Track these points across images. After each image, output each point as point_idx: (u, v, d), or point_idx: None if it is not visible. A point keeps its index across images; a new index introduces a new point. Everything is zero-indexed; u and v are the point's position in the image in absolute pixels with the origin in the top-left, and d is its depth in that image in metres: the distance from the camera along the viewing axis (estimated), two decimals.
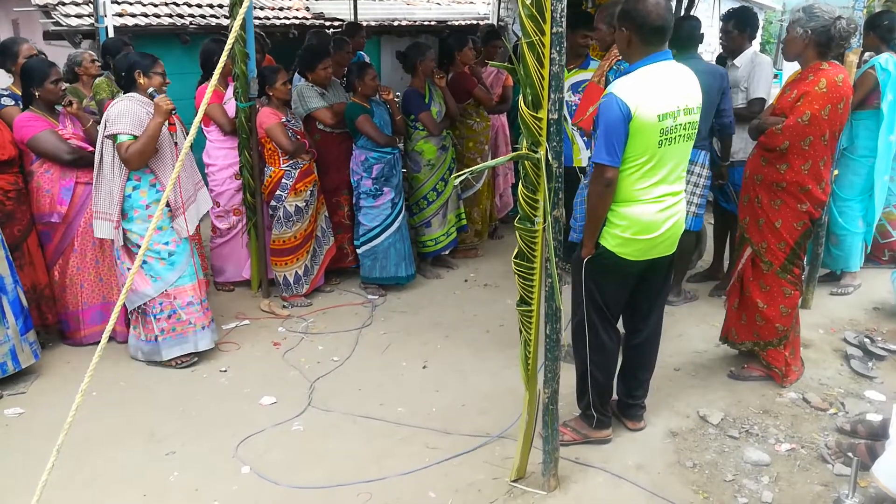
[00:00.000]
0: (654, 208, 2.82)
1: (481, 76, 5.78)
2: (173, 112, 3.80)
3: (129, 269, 3.97)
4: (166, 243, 3.91)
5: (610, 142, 2.68)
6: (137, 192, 3.84)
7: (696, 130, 2.90)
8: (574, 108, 4.34)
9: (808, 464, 3.07)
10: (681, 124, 2.77)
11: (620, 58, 3.69)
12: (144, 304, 3.91)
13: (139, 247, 3.86)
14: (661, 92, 2.70)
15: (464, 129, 5.65)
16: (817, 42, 3.33)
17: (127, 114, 3.72)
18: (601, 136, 2.70)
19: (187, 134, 4.15)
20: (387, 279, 5.06)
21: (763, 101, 4.62)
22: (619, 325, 3.15)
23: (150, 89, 3.80)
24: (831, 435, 3.26)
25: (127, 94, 3.85)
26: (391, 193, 4.90)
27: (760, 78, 4.61)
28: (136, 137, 3.70)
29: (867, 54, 4.83)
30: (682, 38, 4.40)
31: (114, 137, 3.72)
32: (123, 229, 3.85)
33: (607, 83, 3.75)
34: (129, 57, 4.00)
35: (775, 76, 6.65)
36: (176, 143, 3.97)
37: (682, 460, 3.10)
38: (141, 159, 3.73)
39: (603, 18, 3.98)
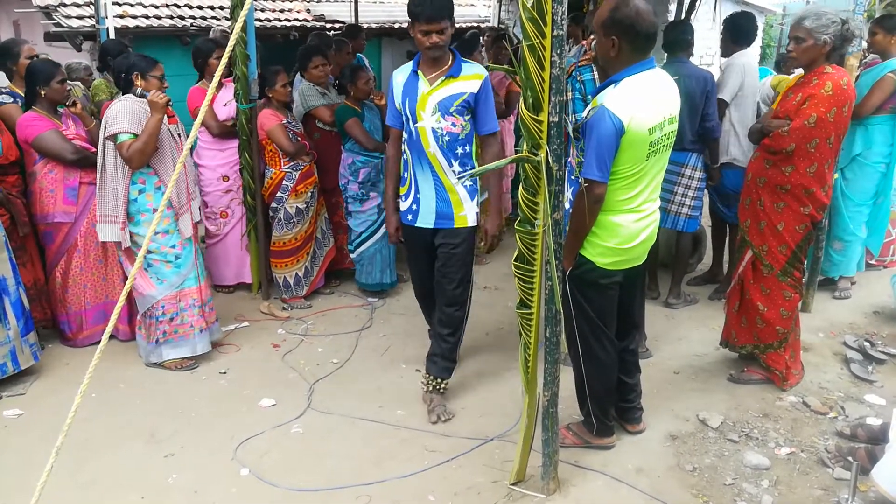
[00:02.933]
0: (634, 217, 2.81)
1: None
2: (169, 104, 3.78)
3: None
4: (173, 246, 3.91)
5: (602, 157, 2.61)
6: (143, 196, 3.84)
7: (675, 138, 2.88)
8: (447, 136, 3.27)
9: (808, 468, 3.07)
10: (665, 134, 2.76)
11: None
12: (150, 306, 3.92)
13: (147, 250, 3.86)
14: (650, 104, 2.66)
15: None
16: (833, 47, 3.34)
17: (125, 113, 3.72)
18: (592, 150, 2.62)
19: (185, 133, 4.17)
20: (373, 286, 5.03)
21: (723, 103, 4.54)
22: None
23: (139, 90, 3.80)
24: (831, 439, 3.26)
25: (124, 95, 3.85)
26: (378, 199, 4.84)
27: (727, 80, 4.56)
28: (136, 136, 3.70)
29: (871, 57, 4.82)
30: (673, 42, 4.40)
31: (114, 138, 3.72)
32: (130, 232, 3.84)
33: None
34: (128, 58, 4.00)
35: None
36: (179, 135, 3.96)
37: (681, 464, 3.10)
38: (142, 157, 3.73)
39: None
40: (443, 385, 3.55)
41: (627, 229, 2.81)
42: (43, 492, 2.22)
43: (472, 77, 3.29)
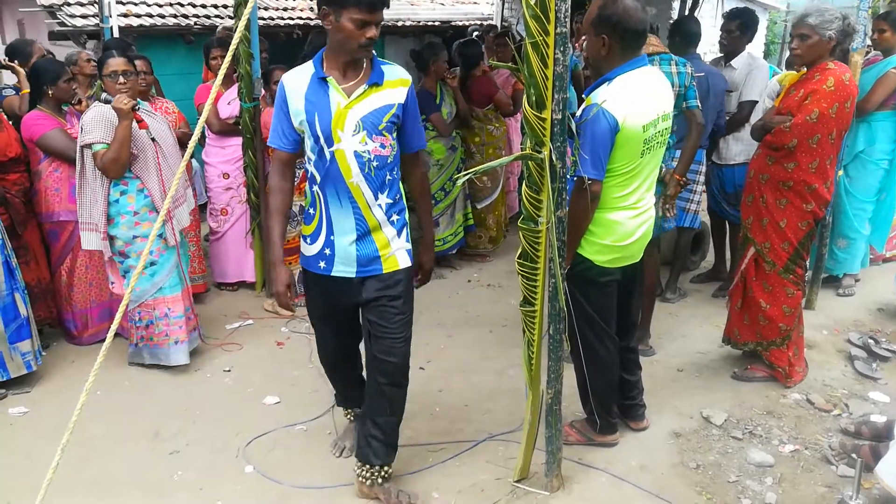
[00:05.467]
0: (630, 214, 2.81)
1: (494, 80, 5.70)
2: (136, 109, 3.62)
3: (113, 283, 3.91)
4: (150, 252, 3.79)
5: (597, 155, 2.62)
6: (125, 198, 3.72)
7: (669, 136, 2.89)
8: (375, 162, 2.53)
9: (812, 465, 3.07)
10: (659, 131, 2.77)
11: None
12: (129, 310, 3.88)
13: (122, 254, 3.76)
14: (644, 101, 2.67)
15: (484, 136, 5.56)
16: (836, 43, 3.35)
17: (98, 121, 3.58)
18: (587, 149, 2.63)
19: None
20: None
21: (754, 103, 4.56)
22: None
23: (104, 95, 3.66)
24: (835, 436, 3.26)
25: (103, 98, 3.72)
26: None
27: (756, 81, 4.58)
28: (109, 145, 3.58)
29: (872, 53, 4.81)
30: (684, 38, 4.38)
31: (89, 146, 3.62)
32: (109, 235, 3.74)
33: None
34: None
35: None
36: (153, 140, 3.77)
37: (685, 461, 3.10)
38: (116, 167, 3.60)
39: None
40: (389, 472, 2.84)
41: (624, 226, 2.81)
42: (49, 489, 2.23)
43: (397, 83, 2.59)
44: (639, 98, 2.66)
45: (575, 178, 2.72)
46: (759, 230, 3.59)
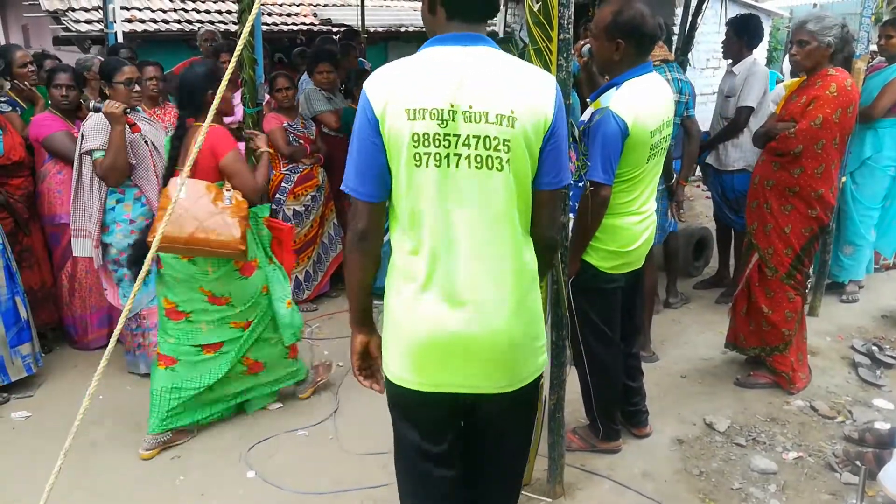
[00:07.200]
0: (635, 220, 2.81)
1: None
2: (128, 112, 3.56)
3: (106, 290, 3.89)
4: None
5: (607, 159, 2.61)
6: (121, 206, 3.70)
7: (669, 143, 2.90)
8: None
9: (816, 472, 3.06)
10: (663, 137, 2.77)
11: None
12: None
13: (117, 262, 3.75)
14: (651, 107, 2.68)
15: None
16: (835, 49, 3.36)
17: (100, 128, 3.56)
18: (598, 152, 2.62)
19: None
20: (380, 288, 4.99)
21: (751, 109, 4.52)
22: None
23: (92, 102, 3.60)
24: (839, 443, 3.25)
25: (92, 106, 3.65)
26: None
27: (752, 87, 4.55)
28: None
29: (876, 59, 4.81)
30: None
31: (90, 154, 3.59)
32: (103, 243, 3.73)
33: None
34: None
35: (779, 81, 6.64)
36: (146, 142, 3.73)
37: (688, 468, 3.09)
38: (115, 174, 3.57)
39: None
40: None
41: (630, 232, 2.81)
42: (51, 493, 2.23)
43: None
44: (647, 104, 2.66)
45: (580, 185, 2.72)
46: (762, 236, 3.59)
